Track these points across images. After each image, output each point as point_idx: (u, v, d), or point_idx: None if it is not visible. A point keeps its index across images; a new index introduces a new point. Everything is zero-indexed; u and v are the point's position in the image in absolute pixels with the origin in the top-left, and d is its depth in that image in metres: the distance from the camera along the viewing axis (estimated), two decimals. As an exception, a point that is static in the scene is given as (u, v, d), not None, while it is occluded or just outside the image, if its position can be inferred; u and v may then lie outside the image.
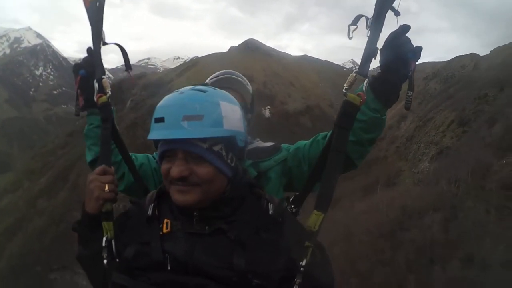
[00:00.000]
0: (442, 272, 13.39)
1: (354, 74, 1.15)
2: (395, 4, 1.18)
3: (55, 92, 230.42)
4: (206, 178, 1.01)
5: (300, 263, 1.01)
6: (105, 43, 1.41)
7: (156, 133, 1.02)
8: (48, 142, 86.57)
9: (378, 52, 1.19)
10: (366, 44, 1.15)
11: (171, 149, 1.02)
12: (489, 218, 14.49)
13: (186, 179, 1.01)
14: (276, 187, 1.58)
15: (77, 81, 1.41)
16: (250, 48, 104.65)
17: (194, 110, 0.99)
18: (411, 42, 1.21)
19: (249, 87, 1.78)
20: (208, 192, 1.03)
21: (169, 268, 1.02)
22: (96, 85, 1.34)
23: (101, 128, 1.33)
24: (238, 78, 1.72)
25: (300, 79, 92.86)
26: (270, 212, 1.08)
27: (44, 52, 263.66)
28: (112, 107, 1.46)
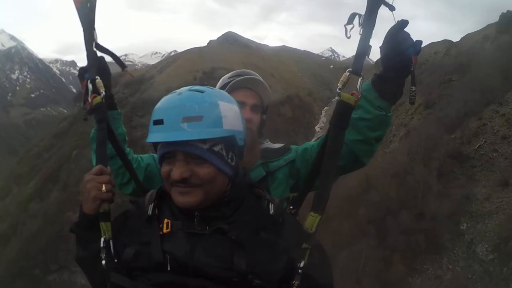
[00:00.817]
0: (396, 224, 16.36)
1: (348, 73, 1.12)
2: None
3: (33, 95, 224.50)
4: (207, 178, 1.01)
5: (298, 265, 1.00)
6: (97, 45, 1.40)
7: (155, 135, 1.01)
8: (33, 146, 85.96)
9: (376, 50, 1.15)
10: (359, 42, 1.12)
11: (171, 151, 1.02)
12: (433, 180, 17.45)
13: (187, 180, 1.00)
14: (282, 187, 1.57)
15: (83, 85, 1.38)
16: (229, 41, 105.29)
17: (193, 111, 0.99)
18: (411, 36, 1.18)
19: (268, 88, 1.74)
20: (210, 192, 1.03)
21: (169, 268, 1.02)
22: (90, 86, 1.34)
23: (96, 129, 1.31)
24: (259, 78, 1.67)
25: (279, 69, 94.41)
26: (270, 212, 1.08)
27: (19, 55, 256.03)
28: (119, 110, 1.54)
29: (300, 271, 1.00)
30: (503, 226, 13.33)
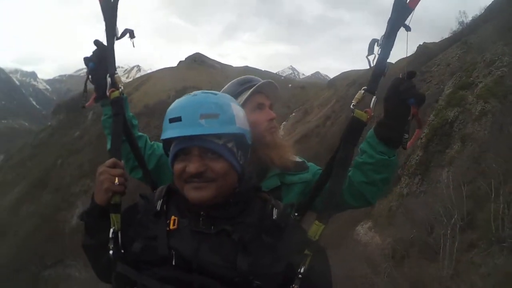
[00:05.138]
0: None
1: (363, 91, 1.17)
2: (406, 20, 1.18)
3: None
4: (221, 172, 1.05)
5: (299, 270, 1.03)
6: (118, 38, 1.45)
7: (172, 131, 1.06)
8: (12, 156, 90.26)
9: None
10: (376, 62, 1.18)
11: (187, 147, 1.06)
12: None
13: (202, 174, 1.04)
14: (293, 201, 1.53)
15: (87, 74, 1.44)
16: (197, 62, 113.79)
17: (211, 109, 1.05)
18: (415, 87, 1.23)
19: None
20: (222, 187, 1.07)
21: (173, 263, 1.04)
22: (109, 79, 1.40)
23: (112, 122, 1.40)
24: (273, 82, 1.68)
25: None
26: (274, 217, 1.10)
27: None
28: (124, 95, 1.53)
29: (300, 276, 1.03)
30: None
